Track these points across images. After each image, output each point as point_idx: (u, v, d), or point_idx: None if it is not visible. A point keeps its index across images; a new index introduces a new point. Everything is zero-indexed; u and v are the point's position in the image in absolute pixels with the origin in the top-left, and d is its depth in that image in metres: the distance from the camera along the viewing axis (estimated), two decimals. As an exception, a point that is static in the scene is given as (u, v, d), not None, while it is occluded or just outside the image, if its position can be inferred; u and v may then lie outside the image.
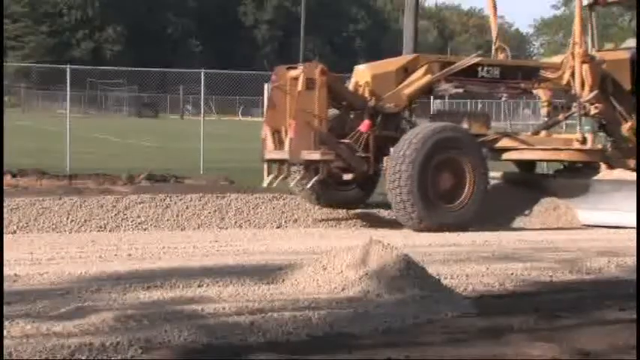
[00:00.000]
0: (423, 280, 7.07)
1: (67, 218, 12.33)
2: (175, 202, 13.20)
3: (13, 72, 61.15)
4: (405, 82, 13.70)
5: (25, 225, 12.04)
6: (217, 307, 6.47)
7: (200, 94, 24.45)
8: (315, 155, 12.51)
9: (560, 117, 15.06)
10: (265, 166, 12.89)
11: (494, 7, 15.50)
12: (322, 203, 13.87)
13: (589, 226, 13.59)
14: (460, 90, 14.28)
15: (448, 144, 12.99)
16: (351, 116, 13.57)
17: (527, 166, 15.36)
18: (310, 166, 12.80)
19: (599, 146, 14.73)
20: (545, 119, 15.44)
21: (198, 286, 7.35)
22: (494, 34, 15.44)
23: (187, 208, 13.15)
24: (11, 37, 76.70)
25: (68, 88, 23.85)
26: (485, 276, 8.44)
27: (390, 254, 7.16)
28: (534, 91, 15.34)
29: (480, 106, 36.06)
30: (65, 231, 12.01)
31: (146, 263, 8.89)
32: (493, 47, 15.33)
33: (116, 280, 7.58)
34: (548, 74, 14.59)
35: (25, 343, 5.25)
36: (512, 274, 8.58)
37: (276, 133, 12.72)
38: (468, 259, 9.62)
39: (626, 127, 14.82)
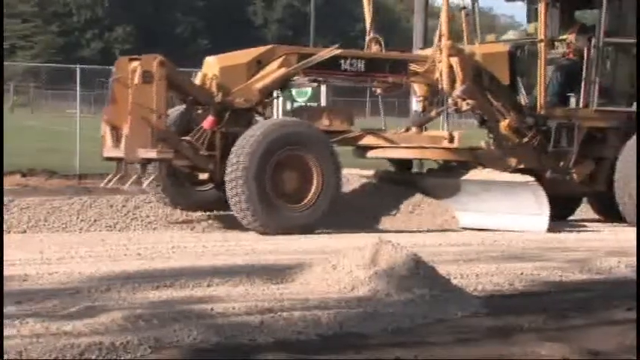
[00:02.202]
0: (433, 280, 7.07)
1: (77, 218, 12.34)
2: (186, 202, 13.14)
3: (22, 72, 61.23)
4: (258, 76, 12.68)
5: (35, 224, 12.05)
6: (227, 306, 6.47)
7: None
8: (152, 154, 11.64)
9: (433, 113, 14.14)
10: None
11: None
12: (177, 205, 12.92)
13: (466, 228, 12.91)
14: (314, 84, 13.60)
15: (290, 141, 12.16)
16: (200, 112, 12.67)
17: (403, 164, 14.50)
18: (148, 165, 12.01)
19: (483, 144, 14.10)
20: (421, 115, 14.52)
21: (208, 285, 7.36)
22: (368, 23, 14.56)
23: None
24: (20, 36, 76.78)
25: (78, 88, 23.92)
26: (494, 276, 8.43)
27: (399, 254, 7.16)
28: (414, 86, 14.51)
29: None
30: (75, 230, 12.02)
31: (156, 263, 8.90)
32: (367, 38, 14.39)
33: (126, 279, 7.59)
34: (418, 68, 13.69)
35: (35, 343, 5.27)
36: (521, 273, 8.57)
37: (115, 129, 11.83)
38: (478, 259, 9.62)
39: (504, 125, 13.96)
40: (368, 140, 13.57)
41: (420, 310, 6.50)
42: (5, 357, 5.02)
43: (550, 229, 12.69)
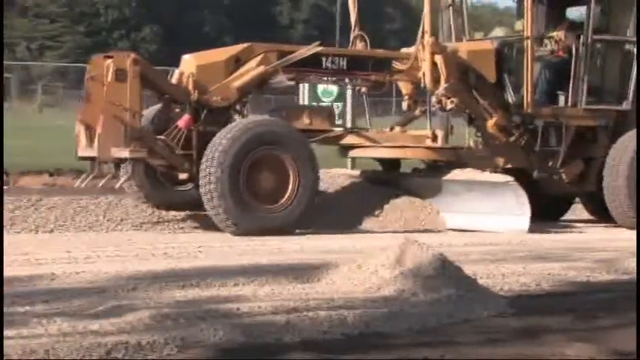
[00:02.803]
0: (459, 280, 7.06)
1: (104, 217, 12.39)
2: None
3: (51, 72, 61.53)
4: (236, 74, 12.46)
5: (62, 224, 12.10)
6: (253, 306, 6.48)
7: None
8: (125, 153, 11.46)
9: (417, 112, 13.96)
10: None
11: None
12: (154, 204, 12.78)
13: (452, 229, 12.69)
14: (292, 83, 13.20)
15: (264, 140, 11.91)
16: (177, 110, 12.42)
17: (391, 164, 14.15)
18: (121, 165, 11.89)
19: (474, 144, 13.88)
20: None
21: (234, 285, 7.37)
22: (353, 20, 14.20)
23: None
24: (48, 37, 77.17)
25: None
26: (521, 276, 8.39)
27: (425, 254, 7.15)
28: (400, 84, 14.16)
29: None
30: (102, 230, 12.07)
31: (182, 262, 8.92)
32: (351, 35, 14.09)
33: (152, 279, 7.61)
34: (401, 66, 13.39)
35: (62, 342, 5.29)
36: (549, 273, 8.53)
37: (90, 128, 11.68)
38: (504, 259, 9.58)
39: (491, 123, 13.69)
40: (349, 139, 13.36)
41: (446, 310, 6.49)
42: (33, 356, 5.04)
43: (575, 230, 12.61)
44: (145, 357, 5.17)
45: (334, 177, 13.75)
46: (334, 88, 19.76)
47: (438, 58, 13.14)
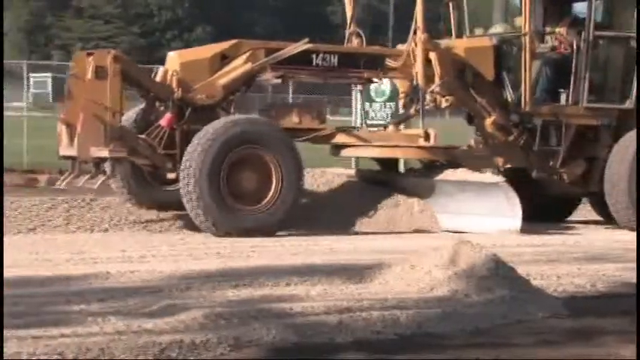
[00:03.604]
0: (512, 281, 7.01)
1: (157, 216, 12.46)
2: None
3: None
4: (222, 71, 12.07)
5: (117, 223, 12.19)
6: (306, 305, 6.49)
7: (288, 93, 24.37)
8: (104, 152, 11.19)
9: (412, 111, 13.47)
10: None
11: None
12: (142, 204, 12.53)
13: (447, 231, 12.29)
14: (279, 81, 12.84)
15: (245, 139, 11.56)
16: (162, 108, 12.07)
17: (389, 163, 13.79)
18: (101, 165, 11.55)
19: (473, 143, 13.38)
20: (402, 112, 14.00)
21: (287, 284, 7.38)
22: (348, 16, 13.70)
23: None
24: (103, 37, 77.92)
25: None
26: (576, 277, 8.32)
27: (478, 254, 7.11)
28: (398, 82, 13.76)
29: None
30: (156, 229, 12.14)
31: (235, 262, 8.96)
32: (347, 31, 13.53)
33: (205, 278, 7.65)
34: (394, 63, 12.95)
35: (117, 340, 5.33)
36: (603, 274, 8.45)
37: (71, 127, 11.37)
38: (558, 260, 9.51)
39: (489, 122, 13.25)
40: (340, 138, 12.97)
41: (499, 311, 6.45)
42: (88, 355, 5.09)
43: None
44: (199, 356, 5.20)
45: (328, 176, 13.38)
46: (387, 88, 19.63)
47: (432, 56, 12.81)
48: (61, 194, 13.04)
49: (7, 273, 7.40)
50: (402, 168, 15.69)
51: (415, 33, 12.76)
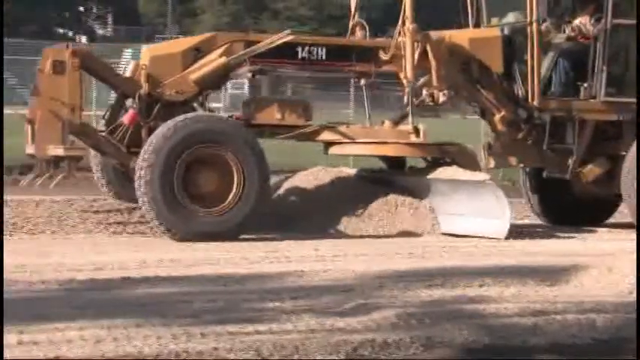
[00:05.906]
0: None
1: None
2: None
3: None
4: (195, 66, 11.35)
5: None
6: (499, 307, 6.42)
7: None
8: (59, 150, 10.70)
9: (408, 107, 12.17)
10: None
11: None
12: (122, 200, 12.05)
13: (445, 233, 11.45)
14: (255, 75, 11.88)
15: (203, 138, 10.80)
16: (133, 105, 11.35)
17: (395, 161, 12.65)
18: (59, 164, 11.01)
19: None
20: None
21: (480, 285, 7.32)
22: (352, 6, 12.89)
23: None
24: (297, 39, 79.35)
25: (351, 90, 24.31)
26: None
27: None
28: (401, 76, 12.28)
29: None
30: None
31: (427, 262, 8.95)
32: (350, 23, 12.71)
33: (398, 277, 7.67)
34: (385, 56, 11.94)
35: (311, 338, 5.40)
36: None
37: (33, 124, 10.92)
38: None
39: (498, 118, 12.15)
40: (326, 136, 12.10)
41: (702, 317, 6.21)
42: (283, 352, 5.17)
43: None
44: (390, 355, 5.21)
45: (322, 175, 12.57)
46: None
47: (427, 48, 11.84)
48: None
49: (204, 271, 7.62)
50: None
51: (404, 23, 11.90)
